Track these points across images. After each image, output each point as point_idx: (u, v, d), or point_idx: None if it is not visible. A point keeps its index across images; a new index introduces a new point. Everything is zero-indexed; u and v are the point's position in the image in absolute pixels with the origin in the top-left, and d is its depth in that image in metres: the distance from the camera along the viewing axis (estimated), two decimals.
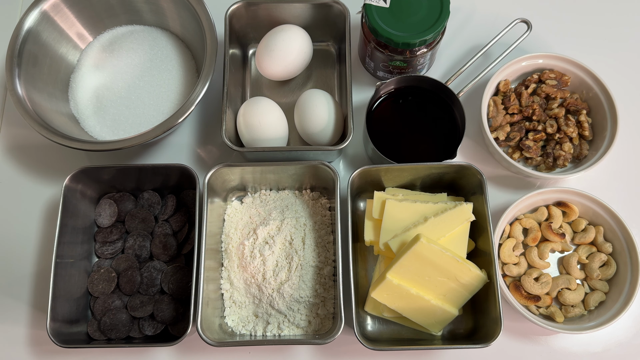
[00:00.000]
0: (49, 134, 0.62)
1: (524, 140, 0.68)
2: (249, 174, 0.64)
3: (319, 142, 0.66)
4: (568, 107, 0.69)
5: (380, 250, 0.60)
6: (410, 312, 0.58)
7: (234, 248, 0.63)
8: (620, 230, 0.63)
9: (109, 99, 0.69)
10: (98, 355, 0.63)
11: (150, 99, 0.69)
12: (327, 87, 0.72)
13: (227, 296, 0.62)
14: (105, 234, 0.65)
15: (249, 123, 0.64)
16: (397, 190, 0.64)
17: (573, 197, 0.65)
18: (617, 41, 0.76)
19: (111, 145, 0.62)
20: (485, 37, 0.72)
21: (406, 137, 0.66)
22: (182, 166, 0.62)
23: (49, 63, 0.69)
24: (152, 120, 0.68)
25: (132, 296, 0.62)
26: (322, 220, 0.65)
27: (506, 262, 0.63)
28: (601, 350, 0.63)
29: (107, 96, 0.70)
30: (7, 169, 0.71)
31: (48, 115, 0.65)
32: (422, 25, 0.63)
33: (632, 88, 0.73)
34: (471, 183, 0.62)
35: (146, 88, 0.69)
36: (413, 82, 0.67)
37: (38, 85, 0.67)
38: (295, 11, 0.69)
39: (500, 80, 0.70)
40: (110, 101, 0.69)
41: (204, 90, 0.63)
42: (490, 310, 0.57)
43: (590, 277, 0.63)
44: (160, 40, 0.72)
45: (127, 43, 0.72)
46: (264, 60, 0.67)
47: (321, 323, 0.61)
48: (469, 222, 0.60)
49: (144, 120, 0.68)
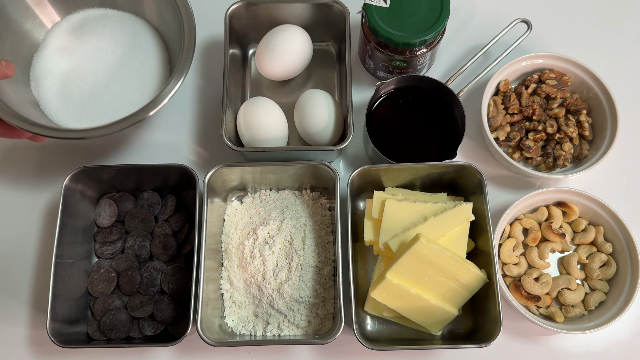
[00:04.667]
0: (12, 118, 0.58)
1: (524, 140, 0.68)
2: (249, 174, 0.64)
3: (319, 142, 0.66)
4: (568, 107, 0.69)
5: (380, 250, 0.60)
6: (410, 311, 0.58)
7: (234, 248, 0.64)
8: (620, 230, 0.63)
9: (74, 84, 0.66)
10: (98, 355, 0.63)
11: (120, 89, 0.65)
12: (327, 87, 0.72)
13: (227, 296, 0.62)
14: (105, 234, 0.65)
15: (248, 123, 0.64)
16: (397, 190, 0.64)
17: (573, 197, 0.65)
18: (617, 41, 0.76)
19: (75, 134, 0.59)
20: (485, 37, 0.72)
21: (406, 137, 0.66)
22: (182, 166, 0.62)
23: (12, 38, 0.65)
24: (119, 110, 0.64)
25: (132, 296, 0.63)
26: (322, 220, 0.65)
27: (506, 262, 0.63)
28: (601, 350, 0.63)
29: (73, 80, 0.66)
30: (7, 169, 0.71)
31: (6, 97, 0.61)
32: (422, 25, 0.63)
33: (632, 88, 0.73)
34: (471, 183, 0.62)
35: (116, 77, 0.66)
36: (413, 82, 0.67)
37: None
38: (295, 11, 0.69)
39: (500, 80, 0.70)
40: (75, 86, 0.66)
41: (178, 84, 0.60)
42: (490, 310, 0.57)
43: (590, 277, 0.63)
44: (135, 28, 0.69)
45: (98, 27, 0.68)
46: (264, 60, 0.67)
47: (321, 323, 0.61)
48: (468, 222, 0.60)
49: (111, 110, 0.65)
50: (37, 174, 0.70)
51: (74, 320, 0.61)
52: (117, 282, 0.63)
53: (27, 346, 0.64)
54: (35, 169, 0.71)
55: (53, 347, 0.62)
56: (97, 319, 0.61)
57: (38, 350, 0.64)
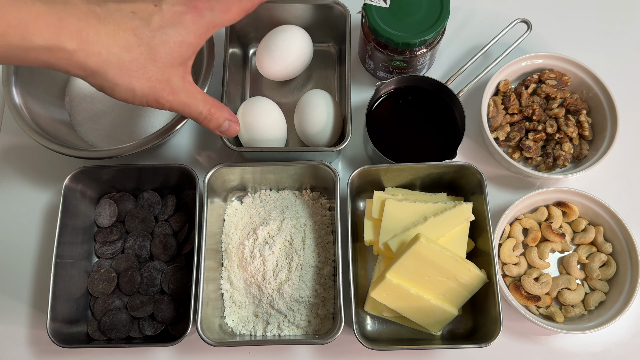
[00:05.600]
0: (45, 140, 0.62)
1: (524, 140, 0.68)
2: (248, 174, 0.64)
3: (317, 143, 0.65)
4: (568, 107, 0.69)
5: (380, 250, 0.60)
6: (410, 311, 0.58)
7: (234, 248, 0.64)
8: (620, 230, 0.63)
9: (105, 104, 0.68)
10: (98, 355, 0.63)
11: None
12: (327, 88, 0.72)
13: (227, 296, 0.62)
14: (105, 234, 0.65)
15: (247, 123, 0.64)
16: (397, 190, 0.64)
17: (573, 197, 0.65)
18: (617, 41, 0.76)
19: (106, 153, 0.61)
20: (485, 37, 0.72)
21: (406, 137, 0.66)
22: (182, 166, 0.62)
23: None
24: (149, 125, 0.67)
25: (132, 296, 0.63)
26: (322, 220, 0.65)
27: (506, 262, 0.63)
28: (601, 350, 0.63)
29: (103, 101, 0.68)
30: (7, 169, 0.71)
31: (43, 121, 0.65)
32: (422, 25, 0.63)
33: (632, 88, 0.73)
34: (471, 183, 0.62)
35: None
36: (413, 82, 0.67)
37: (33, 91, 0.66)
38: (296, 12, 0.69)
39: (500, 80, 0.70)
40: (105, 106, 0.68)
41: None
42: (489, 310, 0.57)
43: (590, 277, 0.63)
44: None
45: None
46: (264, 60, 0.67)
47: (321, 323, 0.61)
48: (468, 221, 0.60)
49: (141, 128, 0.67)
50: (37, 174, 0.70)
51: (74, 320, 0.61)
52: (117, 282, 0.63)
53: (27, 346, 0.64)
54: (35, 169, 0.71)
55: (53, 347, 0.62)
56: (97, 319, 0.61)
57: (38, 350, 0.64)
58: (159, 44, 0.46)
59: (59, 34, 0.41)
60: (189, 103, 0.50)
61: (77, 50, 0.42)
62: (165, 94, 0.48)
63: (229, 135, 0.55)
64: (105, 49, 0.43)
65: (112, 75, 0.45)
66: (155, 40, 0.46)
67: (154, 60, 0.46)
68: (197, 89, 0.51)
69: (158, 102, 0.48)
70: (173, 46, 0.47)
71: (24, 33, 0.40)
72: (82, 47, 0.42)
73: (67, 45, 0.42)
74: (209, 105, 0.52)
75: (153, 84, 0.47)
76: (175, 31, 0.47)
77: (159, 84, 0.47)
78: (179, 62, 0.48)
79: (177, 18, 0.47)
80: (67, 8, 0.42)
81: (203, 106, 0.51)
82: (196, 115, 0.52)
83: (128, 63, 0.45)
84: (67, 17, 0.42)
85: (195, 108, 0.51)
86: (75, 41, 0.42)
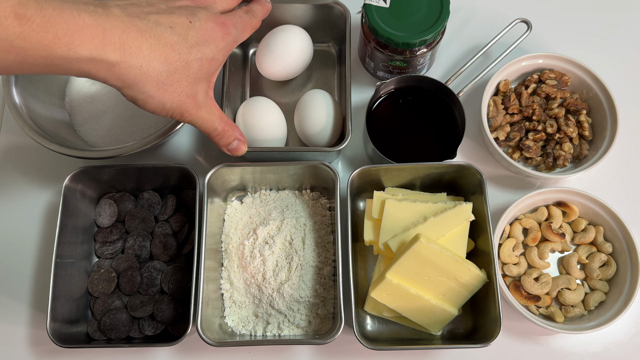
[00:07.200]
0: (45, 141, 0.62)
1: (524, 140, 0.68)
2: (249, 174, 0.64)
3: (317, 143, 0.65)
4: (568, 107, 0.69)
5: (380, 250, 0.60)
6: (410, 311, 0.58)
7: (234, 248, 0.64)
8: (620, 230, 0.63)
9: (105, 104, 0.68)
10: (98, 355, 0.63)
11: None
12: (327, 88, 0.72)
13: (227, 296, 0.62)
14: (105, 234, 0.65)
15: (247, 123, 0.64)
16: (397, 190, 0.64)
17: (573, 197, 0.65)
18: (617, 41, 0.77)
19: (106, 153, 0.61)
20: (485, 37, 0.72)
21: (406, 137, 0.66)
22: (182, 166, 0.62)
23: None
24: (149, 125, 0.67)
25: (132, 296, 0.63)
26: (322, 220, 0.65)
27: (506, 262, 0.63)
28: (601, 350, 0.63)
29: (103, 102, 0.68)
30: (7, 169, 0.71)
31: (43, 121, 0.65)
32: (422, 25, 0.63)
33: (632, 88, 0.73)
34: (471, 183, 0.62)
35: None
36: (413, 82, 0.67)
37: (33, 91, 0.66)
38: (296, 12, 0.69)
39: (500, 80, 0.70)
40: (105, 106, 0.68)
41: None
42: (489, 310, 0.57)
43: (590, 277, 0.63)
44: None
45: None
46: (264, 60, 0.67)
47: (321, 323, 0.61)
48: (468, 222, 0.60)
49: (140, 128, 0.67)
50: (37, 174, 0.70)
51: (74, 320, 0.61)
52: (117, 282, 0.63)
53: (27, 346, 0.64)
54: (35, 169, 0.71)
55: (53, 347, 0.62)
56: (97, 318, 0.61)
57: (38, 350, 0.64)
58: (194, 60, 0.47)
59: (104, 45, 0.41)
60: (208, 119, 0.52)
61: (119, 62, 0.42)
62: (189, 108, 0.49)
63: (235, 154, 0.57)
64: (146, 62, 0.44)
65: (148, 88, 0.45)
66: (191, 57, 0.47)
67: (187, 75, 0.47)
68: (216, 105, 0.53)
69: (182, 115, 0.50)
70: (204, 62, 0.48)
71: (70, 44, 0.40)
72: (124, 59, 0.43)
73: (110, 57, 0.42)
74: (224, 123, 0.54)
75: (183, 99, 0.48)
76: (208, 48, 0.48)
77: (187, 99, 0.49)
78: (205, 78, 0.50)
79: (209, 35, 0.48)
80: (110, 20, 0.42)
81: (219, 123, 0.53)
82: (211, 131, 0.53)
83: (165, 77, 0.46)
84: (111, 29, 0.42)
85: (211, 124, 0.53)
86: (118, 53, 0.42)
